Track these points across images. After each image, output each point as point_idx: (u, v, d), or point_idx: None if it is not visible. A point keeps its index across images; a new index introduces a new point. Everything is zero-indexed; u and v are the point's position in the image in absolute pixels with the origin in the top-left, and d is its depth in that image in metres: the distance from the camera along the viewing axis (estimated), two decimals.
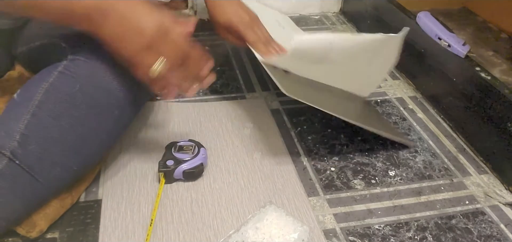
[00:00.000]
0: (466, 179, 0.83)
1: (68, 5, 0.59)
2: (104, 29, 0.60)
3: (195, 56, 0.67)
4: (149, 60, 0.61)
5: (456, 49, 0.94)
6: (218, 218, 0.70)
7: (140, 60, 0.61)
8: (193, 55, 0.66)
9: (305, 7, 1.43)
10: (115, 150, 0.81)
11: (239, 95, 1.01)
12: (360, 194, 0.78)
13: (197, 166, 0.76)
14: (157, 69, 0.62)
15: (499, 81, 0.86)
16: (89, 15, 0.59)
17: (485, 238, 0.71)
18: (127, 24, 0.60)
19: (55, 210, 0.67)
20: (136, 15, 0.60)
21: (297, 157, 0.85)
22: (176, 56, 0.63)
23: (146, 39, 0.60)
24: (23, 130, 0.61)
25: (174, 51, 0.63)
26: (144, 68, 0.62)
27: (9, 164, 0.60)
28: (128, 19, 0.60)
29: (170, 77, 0.64)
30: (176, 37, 0.62)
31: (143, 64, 0.62)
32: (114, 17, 0.59)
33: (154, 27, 0.60)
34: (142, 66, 0.62)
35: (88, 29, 0.61)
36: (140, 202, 0.72)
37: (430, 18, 1.03)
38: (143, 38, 0.60)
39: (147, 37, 0.60)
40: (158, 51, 0.61)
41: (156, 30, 0.60)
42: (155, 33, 0.60)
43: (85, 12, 0.59)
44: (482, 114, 0.87)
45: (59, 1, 0.59)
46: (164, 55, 0.62)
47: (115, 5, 0.60)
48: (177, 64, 0.64)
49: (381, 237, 0.70)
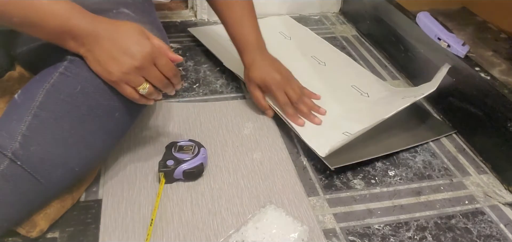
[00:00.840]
0: (466, 179, 0.83)
1: (60, 28, 0.62)
2: (94, 51, 0.64)
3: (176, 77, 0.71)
4: (138, 80, 0.66)
5: (456, 49, 0.94)
6: (218, 218, 0.70)
7: (130, 79, 0.65)
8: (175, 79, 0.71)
9: (305, 7, 1.43)
10: (116, 150, 0.81)
11: (239, 95, 1.01)
12: (360, 194, 0.78)
13: (197, 166, 0.76)
14: (145, 89, 0.67)
15: (498, 81, 0.86)
16: (81, 38, 0.63)
17: (484, 238, 0.71)
18: (119, 47, 0.64)
19: (56, 210, 0.67)
20: (128, 40, 0.64)
21: (297, 157, 0.85)
22: (161, 80, 0.68)
23: (137, 62, 0.64)
24: (24, 131, 0.61)
25: (159, 76, 0.67)
26: (132, 87, 0.66)
27: (10, 165, 0.60)
28: (120, 42, 0.64)
29: (152, 94, 0.69)
30: (164, 64, 0.67)
31: (131, 82, 0.66)
32: (107, 40, 0.64)
33: (145, 53, 0.64)
34: (130, 85, 0.66)
35: (77, 49, 0.65)
36: (140, 202, 0.72)
37: (429, 18, 1.03)
38: (135, 61, 0.64)
39: (138, 61, 0.64)
40: (146, 74, 0.66)
41: (146, 55, 0.65)
42: (145, 58, 0.65)
43: (78, 35, 0.63)
44: (482, 114, 0.87)
45: (54, 23, 0.62)
46: (151, 79, 0.67)
47: (109, 30, 0.64)
48: (161, 86, 0.69)
49: (380, 237, 0.70)
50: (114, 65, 0.64)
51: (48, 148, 0.63)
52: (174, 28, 1.30)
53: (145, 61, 0.65)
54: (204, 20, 1.35)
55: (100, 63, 0.64)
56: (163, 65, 0.67)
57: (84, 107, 0.65)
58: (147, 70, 0.65)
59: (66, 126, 0.64)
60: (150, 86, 0.67)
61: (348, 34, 1.33)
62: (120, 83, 0.65)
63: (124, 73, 0.64)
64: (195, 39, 1.23)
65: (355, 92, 1.02)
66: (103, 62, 0.64)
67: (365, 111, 0.93)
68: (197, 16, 1.36)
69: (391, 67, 1.16)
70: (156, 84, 0.68)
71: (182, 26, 1.32)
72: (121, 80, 0.65)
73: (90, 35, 0.63)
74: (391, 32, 1.17)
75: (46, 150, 0.62)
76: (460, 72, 0.93)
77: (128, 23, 0.67)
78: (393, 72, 1.14)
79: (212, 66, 1.11)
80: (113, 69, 0.64)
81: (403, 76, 1.13)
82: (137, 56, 0.64)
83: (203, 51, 1.18)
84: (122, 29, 0.65)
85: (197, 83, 1.05)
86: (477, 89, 0.88)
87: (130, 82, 0.65)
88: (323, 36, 1.28)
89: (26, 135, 0.61)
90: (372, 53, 1.23)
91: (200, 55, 1.16)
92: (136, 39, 0.65)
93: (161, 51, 0.67)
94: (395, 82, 1.11)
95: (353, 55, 1.21)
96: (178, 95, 0.99)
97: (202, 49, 1.18)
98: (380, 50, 1.23)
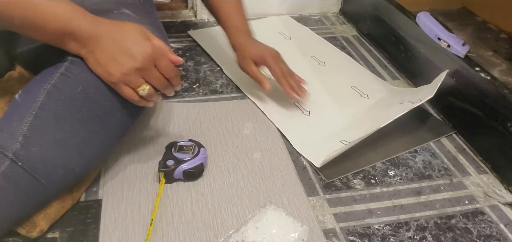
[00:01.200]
0: (466, 179, 0.83)
1: (62, 30, 0.62)
2: (95, 53, 0.64)
3: (176, 78, 0.71)
4: (138, 82, 0.66)
5: (456, 49, 0.94)
6: (218, 218, 0.70)
7: (130, 79, 0.65)
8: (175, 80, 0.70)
9: (305, 7, 1.43)
10: (116, 150, 0.81)
11: (239, 95, 1.01)
12: (360, 194, 0.78)
13: (197, 166, 0.76)
14: (145, 91, 0.66)
15: (498, 81, 0.86)
16: (82, 40, 0.63)
17: (484, 238, 0.71)
18: (120, 48, 0.64)
19: (56, 210, 0.67)
20: (129, 41, 0.64)
21: (297, 157, 0.85)
22: (161, 81, 0.68)
23: (138, 63, 0.64)
24: (25, 132, 0.61)
25: (159, 77, 0.67)
26: (131, 88, 0.66)
27: (11, 166, 0.60)
28: (121, 43, 0.64)
29: (152, 96, 0.69)
30: (165, 66, 0.67)
31: (131, 83, 0.65)
32: (108, 41, 0.63)
33: (146, 54, 0.64)
34: (130, 85, 0.66)
35: (78, 51, 0.65)
36: (140, 202, 0.72)
37: (429, 18, 1.03)
38: (136, 62, 0.64)
39: (139, 62, 0.64)
40: (147, 75, 0.66)
41: (147, 56, 0.64)
42: (146, 59, 0.64)
43: (79, 36, 0.63)
44: (482, 114, 0.87)
45: (55, 25, 0.62)
46: (151, 80, 0.66)
47: (110, 31, 0.64)
48: (161, 88, 0.69)
49: (380, 237, 0.70)
50: (114, 66, 0.64)
51: (49, 149, 0.63)
52: (174, 28, 1.30)
53: (146, 62, 0.64)
54: (204, 20, 1.35)
55: (100, 64, 0.64)
56: (163, 67, 0.67)
57: (85, 108, 0.65)
58: (148, 72, 0.65)
59: (67, 126, 0.64)
60: (150, 88, 0.67)
61: (348, 34, 1.33)
62: (120, 84, 0.65)
63: (124, 74, 0.64)
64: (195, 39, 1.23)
65: (355, 93, 1.03)
66: (104, 63, 0.64)
67: (364, 118, 0.93)
68: (197, 16, 1.36)
69: (391, 67, 1.16)
70: (156, 86, 0.68)
71: (182, 26, 1.32)
72: (121, 81, 0.65)
73: (92, 37, 0.63)
74: (391, 32, 1.17)
75: (47, 151, 0.62)
76: (460, 72, 0.93)
77: (130, 24, 0.67)
78: (393, 72, 1.14)
79: (212, 66, 1.11)
80: (113, 70, 0.64)
81: (403, 76, 1.13)
82: (138, 58, 0.64)
83: (203, 51, 1.18)
84: (123, 30, 0.65)
85: (197, 83, 1.05)
86: (477, 89, 0.88)
87: (130, 83, 0.65)
88: (323, 36, 1.28)
89: (27, 135, 0.61)
90: (372, 53, 1.23)
91: (200, 55, 1.16)
92: (137, 40, 0.65)
93: (162, 52, 0.66)
94: (395, 82, 1.11)
95: (353, 55, 1.21)
96: (178, 95, 0.99)
97: (202, 49, 1.18)
98: (380, 50, 1.23)
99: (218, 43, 1.20)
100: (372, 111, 0.95)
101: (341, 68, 1.13)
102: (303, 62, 1.14)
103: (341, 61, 1.17)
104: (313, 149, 0.85)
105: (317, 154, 0.83)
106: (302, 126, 0.92)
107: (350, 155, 0.84)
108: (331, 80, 1.07)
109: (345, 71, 1.12)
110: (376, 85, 1.06)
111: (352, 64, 1.16)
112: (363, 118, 0.92)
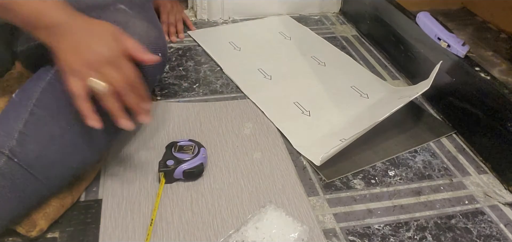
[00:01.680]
0: (466, 179, 0.83)
1: (35, 14, 0.60)
2: (61, 43, 0.61)
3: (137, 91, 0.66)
4: (91, 75, 0.61)
5: (456, 49, 0.94)
6: (218, 218, 0.70)
7: (84, 72, 0.61)
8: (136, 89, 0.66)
9: (305, 7, 1.43)
10: (116, 150, 0.81)
11: (239, 95, 1.01)
12: (360, 194, 0.78)
13: (197, 166, 0.76)
14: (96, 85, 0.61)
15: (498, 81, 0.86)
16: (53, 28, 0.61)
17: (484, 238, 0.71)
18: (85, 43, 0.61)
19: (56, 210, 0.67)
20: (97, 38, 0.62)
21: (297, 157, 0.85)
22: (118, 82, 0.63)
23: (98, 58, 0.61)
24: (21, 129, 0.61)
25: (118, 78, 0.62)
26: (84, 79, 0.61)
27: (8, 163, 0.60)
28: (88, 39, 0.62)
29: (107, 101, 0.63)
30: (126, 70, 0.63)
31: (84, 75, 0.61)
32: (76, 34, 0.61)
33: (109, 53, 0.61)
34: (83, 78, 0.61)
35: (47, 39, 0.62)
36: (140, 202, 0.72)
37: (429, 18, 1.03)
38: (96, 56, 0.61)
39: (100, 57, 0.61)
40: (104, 72, 0.61)
41: (109, 57, 0.61)
42: (108, 59, 0.61)
43: (50, 23, 0.61)
44: (482, 114, 0.87)
45: (28, 9, 0.60)
46: (109, 78, 0.62)
47: (82, 26, 0.62)
48: (119, 88, 0.63)
49: (380, 237, 0.70)
50: (74, 55, 0.61)
51: (45, 145, 0.63)
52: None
53: (102, 62, 0.61)
54: (204, 20, 1.35)
55: (65, 53, 0.62)
56: (123, 72, 0.63)
57: None
58: (104, 70, 0.61)
59: (62, 123, 0.64)
60: (109, 87, 0.62)
61: (348, 34, 1.33)
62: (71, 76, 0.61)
63: (82, 65, 0.61)
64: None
65: (355, 93, 1.03)
66: (65, 53, 0.61)
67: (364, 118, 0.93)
68: (197, 16, 1.36)
69: (391, 67, 1.16)
70: (114, 84, 0.62)
71: None
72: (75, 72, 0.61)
73: (61, 26, 0.61)
74: (391, 32, 1.17)
75: (43, 147, 0.62)
76: (460, 72, 0.93)
77: (106, 24, 0.64)
78: (393, 72, 1.14)
79: (212, 66, 1.11)
80: (72, 60, 0.61)
81: (403, 76, 1.13)
82: (99, 55, 0.61)
83: (203, 51, 1.18)
84: (94, 28, 0.63)
85: (197, 83, 1.05)
86: (477, 89, 0.88)
87: (82, 75, 0.61)
88: (323, 36, 1.28)
89: (23, 132, 0.61)
90: (372, 53, 1.23)
91: (200, 55, 1.16)
92: (104, 40, 0.62)
93: (132, 52, 0.64)
94: (395, 82, 1.11)
95: (353, 55, 1.21)
96: (178, 95, 0.99)
97: (202, 49, 1.18)
98: (380, 50, 1.23)
99: (218, 43, 1.20)
100: (372, 111, 0.95)
101: (341, 68, 1.13)
102: (303, 62, 1.14)
103: (341, 61, 1.17)
104: (313, 148, 0.85)
105: (317, 154, 0.83)
106: (302, 126, 0.92)
107: (350, 155, 0.84)
108: (331, 80, 1.07)
109: (345, 71, 1.12)
110: (375, 85, 1.06)
111: (352, 64, 1.16)
112: (363, 118, 0.92)
